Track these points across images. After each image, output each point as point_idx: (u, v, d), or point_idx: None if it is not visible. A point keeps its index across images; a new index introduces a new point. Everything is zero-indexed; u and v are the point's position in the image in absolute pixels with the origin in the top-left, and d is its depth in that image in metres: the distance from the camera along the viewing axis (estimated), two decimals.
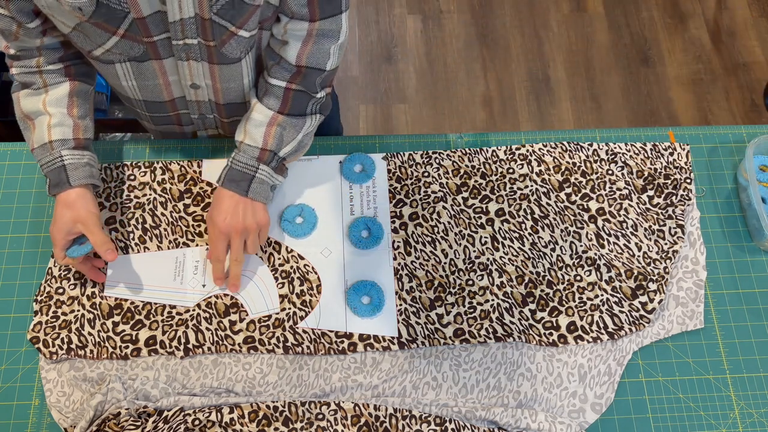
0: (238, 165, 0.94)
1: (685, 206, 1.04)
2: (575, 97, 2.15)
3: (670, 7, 2.31)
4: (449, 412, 0.89)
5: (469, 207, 1.03)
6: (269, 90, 0.94)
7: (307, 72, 0.92)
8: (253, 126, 0.94)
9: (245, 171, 0.94)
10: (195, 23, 0.83)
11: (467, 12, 2.28)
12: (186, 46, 0.86)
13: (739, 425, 0.92)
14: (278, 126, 0.94)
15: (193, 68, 0.91)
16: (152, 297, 0.96)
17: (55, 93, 0.92)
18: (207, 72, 0.92)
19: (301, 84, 0.93)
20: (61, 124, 0.91)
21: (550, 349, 0.95)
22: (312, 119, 0.97)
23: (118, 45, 0.84)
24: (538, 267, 0.99)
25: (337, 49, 0.93)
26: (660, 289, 0.97)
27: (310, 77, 0.93)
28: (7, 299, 0.96)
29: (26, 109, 0.92)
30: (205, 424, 0.86)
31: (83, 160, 0.92)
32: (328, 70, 0.94)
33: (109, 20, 0.80)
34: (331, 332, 0.94)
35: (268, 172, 0.95)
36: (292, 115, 0.95)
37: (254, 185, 0.94)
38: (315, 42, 0.91)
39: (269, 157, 0.94)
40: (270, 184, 0.96)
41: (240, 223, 0.93)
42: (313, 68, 0.92)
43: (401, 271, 0.98)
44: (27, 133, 0.94)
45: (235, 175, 0.93)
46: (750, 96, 2.17)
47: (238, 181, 0.93)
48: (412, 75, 2.17)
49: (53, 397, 0.90)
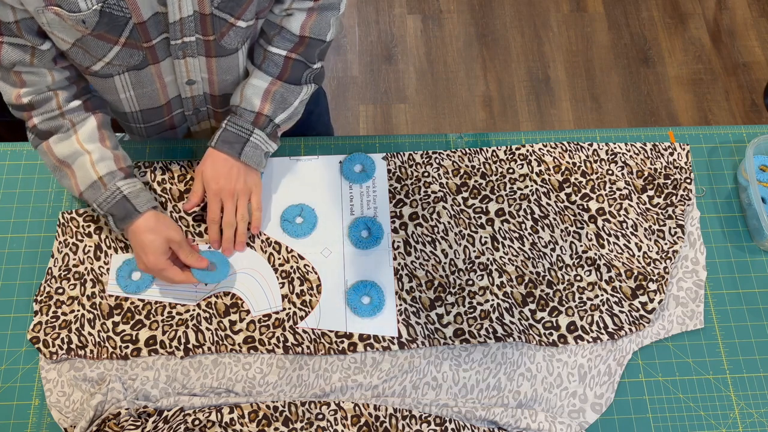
0: (233, 127, 0.95)
1: (685, 206, 1.04)
2: (575, 97, 2.15)
3: (670, 7, 2.31)
4: (449, 412, 0.89)
5: (469, 207, 1.03)
6: (268, 57, 0.95)
7: (310, 42, 0.95)
8: (251, 91, 0.95)
9: (240, 134, 0.95)
10: (194, 20, 0.83)
11: (467, 12, 2.28)
12: (183, 45, 0.87)
13: (739, 425, 0.92)
14: (275, 92, 0.96)
15: (189, 65, 0.91)
16: (154, 296, 0.96)
17: (84, 130, 0.91)
18: (204, 66, 0.93)
19: (302, 54, 0.96)
20: (103, 159, 0.90)
21: (550, 349, 0.95)
22: (308, 88, 1.00)
23: (119, 55, 0.85)
24: (538, 267, 0.99)
25: (336, 20, 0.97)
26: (660, 289, 0.97)
27: (311, 48, 0.96)
28: (7, 299, 0.96)
29: (62, 154, 0.90)
30: (205, 424, 0.86)
31: (138, 186, 0.92)
32: (328, 41, 0.98)
33: (111, 29, 0.80)
34: (331, 332, 0.94)
35: (262, 137, 0.96)
36: (290, 82, 0.97)
37: (248, 149, 0.95)
38: (318, 13, 0.94)
39: (264, 122, 0.96)
40: (263, 150, 0.97)
41: (232, 185, 0.94)
42: (315, 39, 0.96)
43: (401, 271, 0.98)
44: (66, 181, 0.91)
45: (230, 137, 0.95)
46: (750, 96, 2.17)
47: (232, 143, 0.95)
48: (412, 75, 2.17)
49: (53, 397, 0.90)
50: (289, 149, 1.08)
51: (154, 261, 0.89)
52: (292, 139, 1.09)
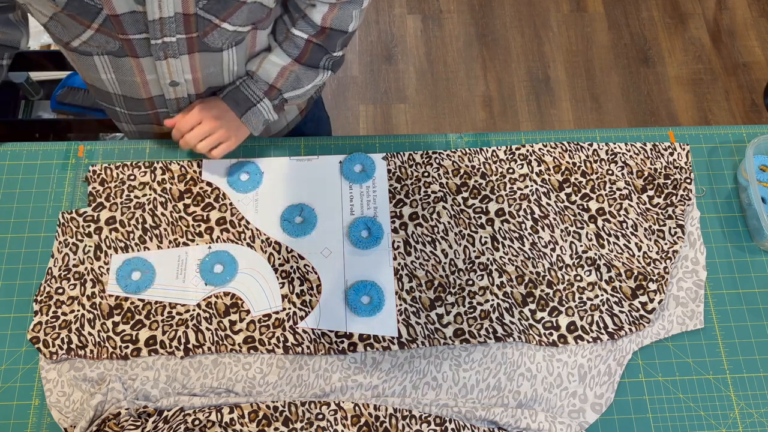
0: (246, 89, 0.99)
1: (685, 206, 1.04)
2: (575, 97, 2.15)
3: (670, 7, 2.31)
4: (449, 412, 0.89)
5: (469, 207, 1.03)
6: (290, 38, 0.97)
7: (331, 33, 0.96)
8: (269, 64, 0.98)
9: (249, 97, 0.99)
10: (175, 21, 0.83)
11: (467, 12, 2.28)
12: (164, 45, 0.86)
13: (739, 425, 0.92)
14: (291, 72, 0.99)
15: (171, 66, 0.91)
16: (155, 296, 0.96)
17: None
18: (187, 67, 0.92)
19: (323, 42, 0.97)
20: None
21: (550, 349, 0.95)
22: (324, 73, 1.02)
23: (94, 38, 0.84)
24: (538, 267, 0.99)
25: (360, 12, 0.97)
26: (660, 289, 0.97)
27: (332, 38, 0.98)
28: (7, 299, 0.96)
29: None
30: (205, 424, 0.86)
31: None
32: (350, 31, 0.98)
33: (82, 14, 0.80)
34: (331, 332, 0.94)
35: (268, 107, 1.00)
36: (307, 65, 0.99)
37: (251, 113, 0.99)
38: (340, 7, 0.94)
39: (275, 95, 1.00)
40: (264, 118, 1.01)
41: (219, 120, 0.97)
42: (336, 30, 0.97)
43: (401, 271, 0.98)
44: None
45: (239, 97, 0.99)
46: (750, 96, 2.17)
47: (239, 103, 0.99)
48: (412, 75, 2.17)
49: (53, 397, 0.90)
50: (289, 149, 1.08)
51: None
52: (292, 139, 1.09)
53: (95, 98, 1.04)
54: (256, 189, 1.04)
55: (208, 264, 0.97)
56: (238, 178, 1.04)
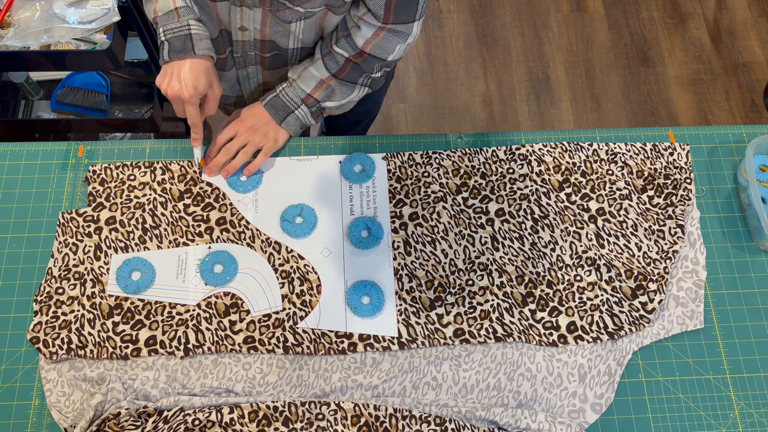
0: (285, 96, 1.05)
1: (685, 206, 1.04)
2: (575, 97, 2.15)
3: (670, 7, 2.31)
4: (449, 412, 0.89)
5: (469, 207, 1.03)
6: (332, 54, 1.01)
7: (369, 58, 1.00)
8: (309, 75, 1.03)
9: (288, 104, 1.04)
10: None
11: (467, 12, 2.28)
12: None
13: (739, 425, 0.92)
14: (329, 86, 1.04)
15: (245, 14, 0.96)
16: (155, 296, 0.96)
17: None
18: (258, 18, 0.97)
19: (362, 64, 1.00)
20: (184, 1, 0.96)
21: (550, 349, 0.95)
22: (360, 90, 1.07)
23: None
24: (538, 267, 0.99)
25: (404, 46, 1.00)
26: (660, 289, 0.97)
27: (370, 62, 1.01)
28: (7, 299, 0.96)
29: None
30: (205, 424, 0.86)
31: (204, 34, 0.97)
32: (389, 60, 1.01)
33: None
34: (331, 332, 0.94)
35: (305, 113, 1.05)
36: (344, 81, 1.04)
37: (290, 118, 1.05)
38: (384, 37, 0.97)
39: (312, 103, 1.05)
40: (302, 122, 1.06)
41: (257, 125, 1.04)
42: (375, 57, 1.00)
43: (401, 271, 0.98)
44: (148, 5, 0.98)
45: (278, 104, 1.05)
46: (750, 96, 2.17)
47: (278, 110, 1.05)
48: (412, 75, 2.17)
49: (53, 397, 0.90)
50: (289, 149, 1.08)
51: (184, 90, 0.94)
52: (292, 139, 1.09)
53: None
54: (255, 189, 1.04)
55: (208, 264, 0.97)
56: (237, 178, 1.04)
